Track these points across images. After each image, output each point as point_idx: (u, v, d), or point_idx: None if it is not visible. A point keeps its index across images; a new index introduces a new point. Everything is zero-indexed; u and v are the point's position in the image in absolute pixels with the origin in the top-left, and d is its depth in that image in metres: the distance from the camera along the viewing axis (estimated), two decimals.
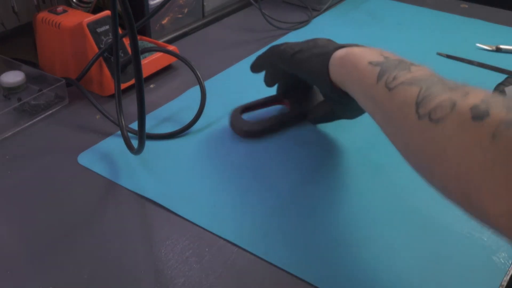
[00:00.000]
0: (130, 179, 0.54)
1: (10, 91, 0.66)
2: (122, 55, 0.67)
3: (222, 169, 0.56)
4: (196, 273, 0.44)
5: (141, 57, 0.61)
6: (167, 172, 0.55)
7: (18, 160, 0.56)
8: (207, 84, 0.66)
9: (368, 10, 0.99)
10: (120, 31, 0.62)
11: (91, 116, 0.64)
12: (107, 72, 0.66)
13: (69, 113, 0.65)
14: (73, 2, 0.74)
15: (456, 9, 1.00)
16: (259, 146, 0.59)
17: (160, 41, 0.79)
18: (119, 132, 0.59)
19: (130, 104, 0.64)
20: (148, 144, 0.55)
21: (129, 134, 0.57)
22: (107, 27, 0.66)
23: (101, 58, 0.65)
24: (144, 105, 0.47)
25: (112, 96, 0.67)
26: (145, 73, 0.69)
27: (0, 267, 0.44)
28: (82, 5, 0.74)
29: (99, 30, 0.65)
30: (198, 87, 0.65)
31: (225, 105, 0.66)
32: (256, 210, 0.50)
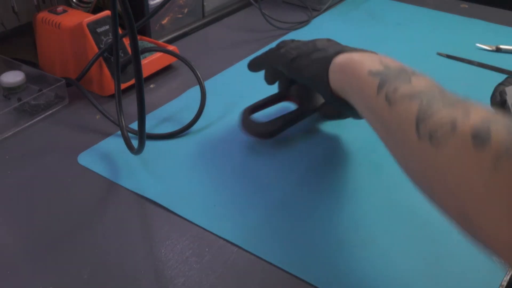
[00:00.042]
0: (130, 179, 0.54)
1: (10, 91, 0.66)
2: (122, 55, 0.67)
3: (222, 169, 0.56)
4: (196, 273, 0.44)
5: (141, 57, 0.61)
6: (167, 172, 0.55)
7: (18, 160, 0.56)
8: (207, 84, 0.66)
9: (368, 10, 0.99)
10: (120, 31, 0.62)
11: (91, 116, 0.64)
12: (107, 72, 0.66)
13: (69, 113, 0.65)
14: (73, 2, 0.74)
15: (456, 9, 1.00)
16: (259, 146, 0.59)
17: (160, 41, 0.79)
18: (119, 132, 0.59)
19: (130, 104, 0.64)
20: (148, 144, 0.55)
21: (129, 134, 0.57)
22: (107, 27, 0.66)
23: (101, 58, 0.65)
24: (144, 105, 0.47)
25: (112, 96, 0.67)
26: (145, 73, 0.69)
27: (0, 267, 0.44)
28: (82, 5, 0.74)
29: (99, 30, 0.65)
30: (198, 87, 0.65)
31: (225, 105, 0.67)
32: (256, 210, 0.50)
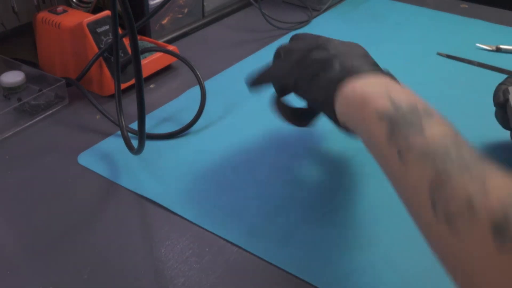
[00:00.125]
0: (130, 179, 0.54)
1: (10, 91, 0.66)
2: (122, 55, 0.67)
3: (222, 169, 0.56)
4: (196, 273, 0.44)
5: (141, 57, 0.61)
6: (167, 172, 0.55)
7: (18, 160, 0.56)
8: (207, 84, 0.66)
9: (368, 10, 0.99)
10: (120, 31, 0.62)
11: (91, 116, 0.64)
12: (107, 72, 0.66)
13: (69, 113, 0.65)
14: (73, 2, 0.74)
15: (456, 9, 1.00)
16: (259, 146, 0.59)
17: (160, 41, 0.79)
18: (119, 132, 0.59)
19: (130, 104, 0.64)
20: (148, 144, 0.55)
21: (129, 134, 0.57)
22: (107, 27, 0.66)
23: (101, 58, 0.65)
24: (144, 105, 0.47)
25: (112, 96, 0.67)
26: (145, 73, 0.69)
27: (0, 267, 0.44)
28: (82, 5, 0.74)
29: (99, 30, 0.65)
30: (198, 87, 0.65)
31: (225, 105, 0.67)
32: (256, 210, 0.50)
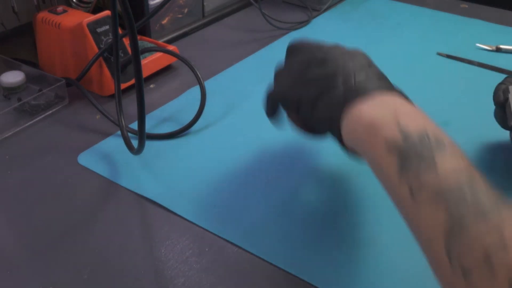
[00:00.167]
0: (130, 179, 0.54)
1: (10, 91, 0.66)
2: (122, 55, 0.67)
3: (222, 169, 0.56)
4: (196, 273, 0.44)
5: (141, 57, 0.61)
6: (167, 172, 0.55)
7: (18, 160, 0.56)
8: (207, 84, 0.66)
9: (368, 10, 0.99)
10: (120, 31, 0.62)
11: (91, 116, 0.64)
12: (107, 72, 0.66)
13: (69, 113, 0.65)
14: (73, 2, 0.74)
15: (456, 9, 1.00)
16: (260, 146, 0.59)
17: (160, 41, 0.79)
18: (119, 132, 0.59)
19: (130, 104, 0.64)
20: (148, 144, 0.55)
21: (129, 134, 0.57)
22: (107, 27, 0.66)
23: (101, 58, 0.65)
24: (144, 105, 0.47)
25: (112, 96, 0.67)
26: (145, 73, 0.69)
27: (0, 267, 0.44)
28: (82, 5, 0.74)
29: (99, 30, 0.65)
30: (198, 87, 0.65)
31: (225, 105, 0.67)
32: (256, 210, 0.50)
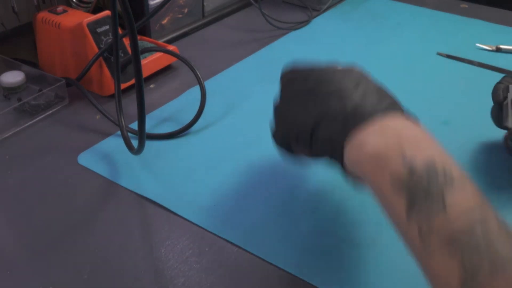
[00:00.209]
0: (130, 179, 0.54)
1: (10, 91, 0.66)
2: (122, 55, 0.67)
3: (222, 169, 0.56)
4: (196, 273, 0.44)
5: (141, 57, 0.61)
6: (167, 172, 0.55)
7: (18, 160, 0.56)
8: (207, 84, 0.66)
9: (368, 10, 0.99)
10: (120, 31, 0.62)
11: (91, 116, 0.64)
12: (107, 72, 0.66)
13: (69, 113, 0.65)
14: (73, 2, 0.74)
15: (456, 9, 1.00)
16: (260, 146, 0.59)
17: (160, 41, 0.79)
18: (119, 132, 0.59)
19: (130, 104, 0.64)
20: (148, 144, 0.55)
21: (129, 134, 0.57)
22: (107, 27, 0.66)
23: (101, 58, 0.65)
24: (144, 105, 0.47)
25: (112, 96, 0.67)
26: (145, 73, 0.70)
27: (0, 267, 0.44)
28: (82, 5, 0.74)
29: (99, 30, 0.65)
30: (198, 87, 0.65)
31: (225, 105, 0.67)
32: (256, 210, 0.50)
